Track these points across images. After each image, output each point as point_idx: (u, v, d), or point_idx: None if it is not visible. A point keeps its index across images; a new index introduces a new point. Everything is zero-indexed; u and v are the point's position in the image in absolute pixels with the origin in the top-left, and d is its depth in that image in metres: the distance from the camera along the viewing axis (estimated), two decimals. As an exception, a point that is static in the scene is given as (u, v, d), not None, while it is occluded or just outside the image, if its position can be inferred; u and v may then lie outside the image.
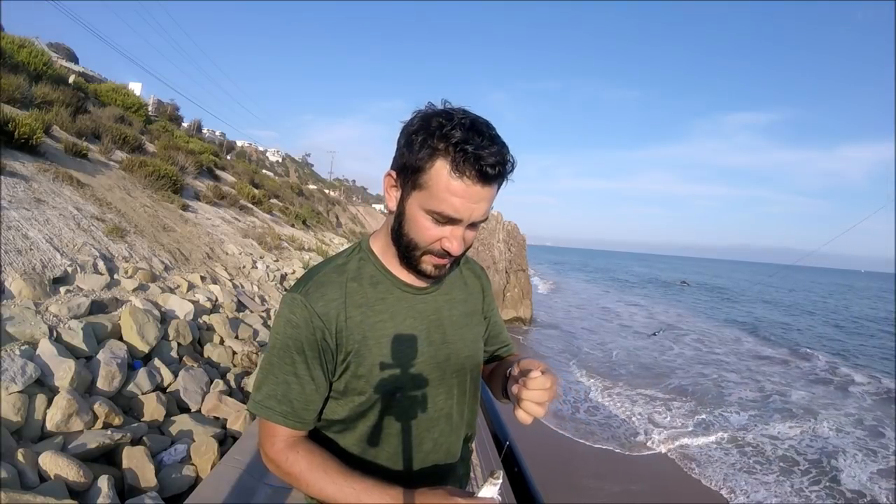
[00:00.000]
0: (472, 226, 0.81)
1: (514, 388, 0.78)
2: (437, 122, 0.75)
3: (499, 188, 0.80)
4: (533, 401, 0.75)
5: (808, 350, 17.21)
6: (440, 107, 0.79)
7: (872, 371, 14.59)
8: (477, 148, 0.73)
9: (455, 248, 0.80)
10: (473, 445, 1.13)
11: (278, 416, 0.82)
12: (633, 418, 8.94)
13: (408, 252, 0.83)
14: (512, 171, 0.79)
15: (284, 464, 0.82)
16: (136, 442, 2.85)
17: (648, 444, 7.82)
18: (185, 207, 8.18)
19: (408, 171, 0.78)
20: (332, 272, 0.87)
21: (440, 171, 0.75)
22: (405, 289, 0.89)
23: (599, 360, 13.16)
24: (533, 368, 0.77)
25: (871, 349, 19.01)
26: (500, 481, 0.72)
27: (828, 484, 7.03)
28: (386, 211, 0.89)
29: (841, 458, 7.85)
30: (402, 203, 0.81)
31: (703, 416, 9.28)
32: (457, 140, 0.73)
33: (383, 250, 0.89)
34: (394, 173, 0.82)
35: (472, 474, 1.16)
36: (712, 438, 8.24)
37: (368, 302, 0.86)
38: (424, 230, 0.79)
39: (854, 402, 11.18)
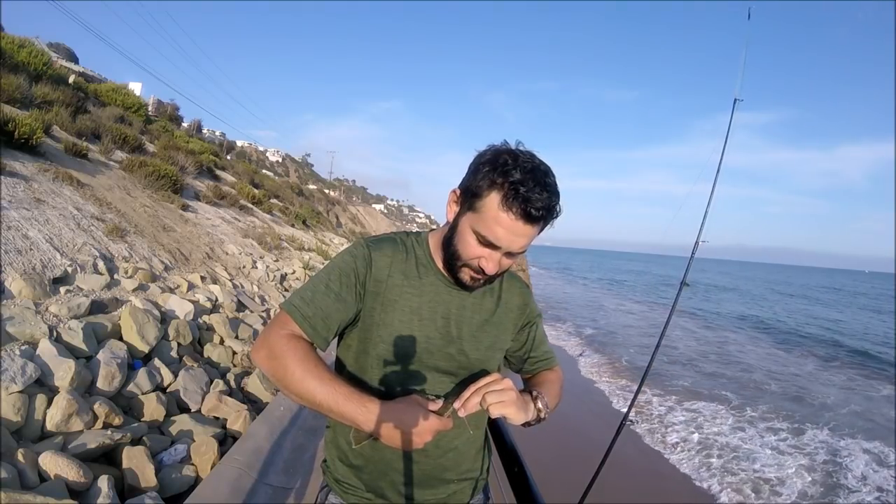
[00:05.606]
0: (510, 254, 0.90)
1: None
2: (503, 159, 0.85)
3: (541, 229, 0.89)
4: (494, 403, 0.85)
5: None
6: (513, 146, 0.88)
7: None
8: (528, 191, 0.82)
9: (489, 268, 0.90)
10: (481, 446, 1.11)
11: (298, 314, 0.90)
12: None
13: (451, 260, 0.94)
14: (555, 217, 0.88)
15: (279, 347, 0.85)
16: (136, 442, 2.85)
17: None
18: (185, 207, 8.18)
19: (468, 194, 0.89)
20: (391, 238, 1.02)
21: (492, 201, 0.84)
22: (441, 279, 1.00)
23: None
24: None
25: None
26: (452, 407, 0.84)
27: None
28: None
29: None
30: (457, 218, 0.92)
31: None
32: (514, 180, 0.82)
33: (435, 247, 1.01)
34: (458, 191, 0.93)
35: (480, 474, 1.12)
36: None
37: (408, 274, 0.98)
38: (468, 246, 0.90)
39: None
